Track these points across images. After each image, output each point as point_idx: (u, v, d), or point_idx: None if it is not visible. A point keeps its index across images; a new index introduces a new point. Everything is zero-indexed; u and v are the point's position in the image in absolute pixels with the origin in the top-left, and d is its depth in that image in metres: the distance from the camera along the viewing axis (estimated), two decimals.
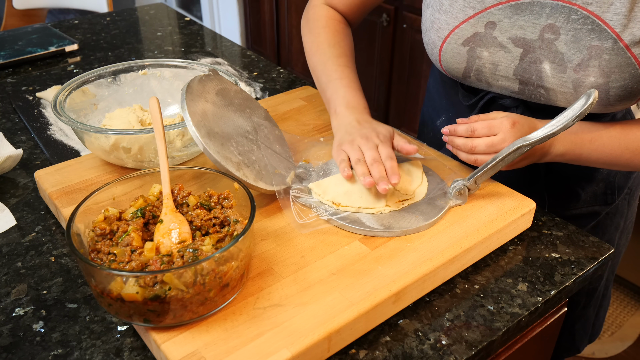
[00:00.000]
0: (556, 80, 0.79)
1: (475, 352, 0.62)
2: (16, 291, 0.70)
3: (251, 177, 0.74)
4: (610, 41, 0.73)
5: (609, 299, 1.14)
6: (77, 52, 1.44)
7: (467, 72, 0.87)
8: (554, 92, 0.81)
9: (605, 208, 0.99)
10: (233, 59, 1.43)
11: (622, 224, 1.03)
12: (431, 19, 0.87)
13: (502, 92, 0.89)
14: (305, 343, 0.57)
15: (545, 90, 0.82)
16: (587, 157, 0.81)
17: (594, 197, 0.97)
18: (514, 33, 0.80)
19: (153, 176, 0.71)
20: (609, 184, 0.96)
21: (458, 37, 0.84)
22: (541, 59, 0.79)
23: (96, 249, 0.62)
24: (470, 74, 0.87)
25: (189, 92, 0.76)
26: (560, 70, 0.78)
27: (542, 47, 0.78)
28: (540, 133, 0.72)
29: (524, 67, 0.81)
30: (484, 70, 0.85)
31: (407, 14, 2.24)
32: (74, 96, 0.90)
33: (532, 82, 0.82)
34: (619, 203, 1.00)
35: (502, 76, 0.84)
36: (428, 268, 0.67)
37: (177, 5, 4.05)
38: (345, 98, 0.88)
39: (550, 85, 0.81)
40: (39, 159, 0.98)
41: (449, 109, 1.03)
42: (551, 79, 0.80)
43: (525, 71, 0.82)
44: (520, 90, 0.85)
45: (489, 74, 0.85)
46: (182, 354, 0.56)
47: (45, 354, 0.61)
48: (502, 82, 0.86)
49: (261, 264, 0.68)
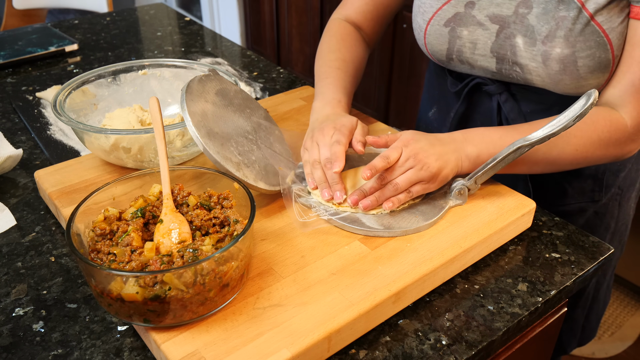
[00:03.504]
0: (527, 54, 0.81)
1: (475, 352, 0.62)
2: (16, 291, 0.70)
3: (251, 177, 0.74)
4: (575, 10, 0.76)
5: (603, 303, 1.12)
6: (77, 52, 1.44)
7: (450, 53, 0.90)
8: (527, 68, 0.83)
9: (592, 205, 0.98)
10: (233, 59, 1.43)
11: (613, 225, 1.03)
12: (418, 4, 0.92)
13: (483, 75, 0.91)
14: (305, 343, 0.57)
15: (519, 67, 0.84)
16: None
17: (581, 193, 0.97)
18: (491, 10, 0.83)
19: (153, 176, 0.71)
20: (597, 181, 0.96)
21: (440, 18, 0.88)
22: (515, 34, 0.82)
23: (96, 249, 0.62)
24: (453, 55, 0.90)
25: (189, 92, 0.76)
26: (530, 44, 0.80)
27: (516, 22, 0.81)
28: (541, 133, 0.72)
29: (499, 44, 0.84)
30: (464, 50, 0.88)
31: (407, 14, 2.24)
32: (74, 96, 0.90)
33: (507, 58, 0.84)
34: (609, 203, 0.99)
35: (481, 55, 0.86)
36: (428, 268, 0.67)
37: (177, 5, 4.05)
38: (324, 95, 0.91)
39: (523, 61, 0.82)
40: (39, 159, 0.98)
41: (439, 100, 1.05)
42: (523, 53, 0.82)
43: (501, 47, 0.84)
44: (498, 70, 0.87)
45: (469, 54, 0.88)
46: (182, 354, 0.56)
47: (45, 354, 0.61)
48: (481, 62, 0.88)
49: (261, 264, 0.68)
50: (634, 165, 0.99)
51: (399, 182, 0.75)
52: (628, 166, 0.97)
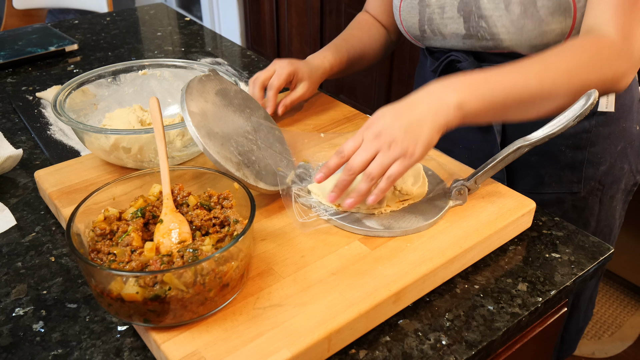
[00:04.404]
0: (490, 4, 0.82)
1: (475, 352, 0.62)
2: (16, 291, 0.70)
3: (251, 177, 0.74)
4: None
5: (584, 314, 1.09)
6: (77, 52, 1.44)
7: (422, 24, 0.92)
8: (492, 19, 0.83)
9: (570, 197, 0.97)
10: (233, 59, 1.43)
11: (594, 224, 1.01)
12: None
13: (455, 44, 0.91)
14: (305, 343, 0.57)
15: (485, 21, 0.84)
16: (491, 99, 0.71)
17: (558, 182, 0.96)
18: None
19: (153, 176, 0.71)
20: (575, 171, 0.95)
21: None
22: None
23: (96, 249, 0.62)
24: (425, 26, 0.91)
25: (189, 92, 0.76)
26: None
27: None
28: (540, 133, 0.72)
29: (465, 1, 0.85)
30: (434, 17, 0.89)
31: None
32: (74, 96, 0.90)
33: (473, 13, 0.85)
34: (589, 198, 0.97)
35: (449, 17, 0.88)
36: (428, 268, 0.67)
37: (177, 5, 4.05)
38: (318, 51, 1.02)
39: (487, 12, 0.83)
40: (39, 159, 0.98)
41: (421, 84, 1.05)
42: (486, 5, 0.82)
43: (466, 4, 0.85)
44: (467, 30, 0.87)
45: (439, 19, 0.89)
46: (182, 354, 0.56)
47: (45, 354, 0.61)
48: (450, 26, 0.89)
49: (261, 264, 0.68)
50: (617, 162, 0.97)
51: (370, 170, 0.69)
52: (609, 160, 0.96)
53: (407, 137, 0.68)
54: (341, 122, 1.01)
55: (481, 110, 0.71)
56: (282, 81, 0.95)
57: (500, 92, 0.71)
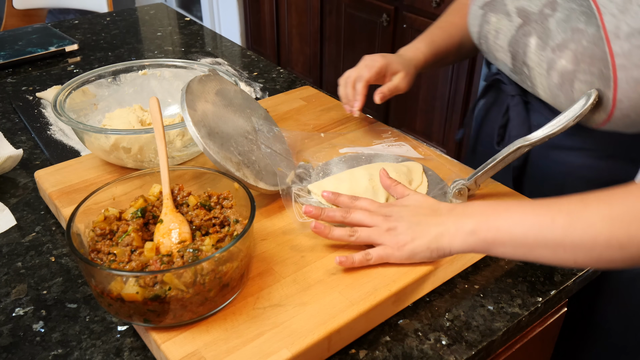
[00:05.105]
0: (536, 57, 0.76)
1: (475, 352, 0.62)
2: (16, 291, 0.70)
3: (251, 177, 0.74)
4: (594, 27, 0.67)
5: None
6: (77, 52, 1.44)
7: (479, 37, 0.87)
8: (533, 72, 0.78)
9: None
10: (233, 59, 1.43)
11: None
12: None
13: (503, 69, 0.87)
14: (305, 343, 0.57)
15: (527, 69, 0.79)
16: (509, 233, 0.62)
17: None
18: (520, 3, 0.79)
19: (153, 176, 0.71)
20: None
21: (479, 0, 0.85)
22: (532, 33, 0.77)
23: (96, 249, 0.62)
24: (481, 39, 0.87)
25: (189, 92, 0.76)
26: (542, 47, 0.75)
27: (537, 21, 0.76)
28: (540, 133, 0.72)
29: (516, 39, 0.80)
30: (488, 36, 0.85)
31: (407, 14, 2.24)
32: (74, 96, 0.90)
33: (519, 56, 0.80)
34: None
35: (500, 46, 0.83)
36: (428, 268, 0.67)
37: (177, 5, 4.05)
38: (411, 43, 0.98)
39: (531, 63, 0.78)
40: (39, 159, 0.98)
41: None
42: (533, 56, 0.77)
43: (516, 43, 0.80)
44: (512, 66, 0.83)
45: (492, 42, 0.84)
46: (182, 354, 0.56)
47: (45, 354, 0.61)
48: (499, 54, 0.85)
49: (261, 264, 0.68)
50: None
51: (360, 233, 0.68)
52: None
53: (405, 235, 0.66)
54: (341, 122, 1.01)
55: (499, 242, 0.62)
56: (372, 74, 0.89)
57: (519, 227, 0.61)
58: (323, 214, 0.70)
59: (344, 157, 0.87)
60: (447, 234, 0.65)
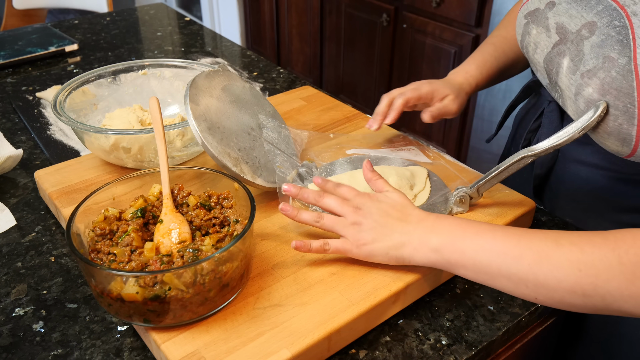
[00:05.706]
0: (567, 79, 0.73)
1: (475, 352, 0.62)
2: (16, 291, 0.70)
3: (249, 174, 0.74)
4: (625, 58, 0.64)
5: None
6: (77, 52, 1.44)
7: (521, 44, 0.85)
8: (564, 93, 0.75)
9: None
10: (233, 59, 1.43)
11: None
12: None
13: (542, 81, 0.83)
14: (305, 343, 0.57)
15: (559, 90, 0.76)
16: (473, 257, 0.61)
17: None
18: (562, 19, 0.75)
19: (153, 176, 0.71)
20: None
21: (525, 7, 0.83)
22: (565, 53, 0.73)
23: (96, 249, 0.62)
24: (523, 47, 0.85)
25: (194, 86, 0.76)
26: (572, 71, 0.72)
27: (574, 41, 0.72)
28: (546, 144, 0.70)
29: (551, 57, 0.76)
30: (528, 48, 0.82)
31: (407, 14, 2.24)
32: (74, 96, 0.90)
33: (552, 75, 0.77)
34: None
35: (537, 61, 0.80)
36: (428, 268, 0.67)
37: (177, 5, 4.05)
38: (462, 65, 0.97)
39: (562, 85, 0.74)
40: (39, 159, 0.98)
41: None
42: (564, 78, 0.74)
43: (551, 61, 0.77)
44: (548, 81, 0.79)
45: (531, 54, 0.82)
46: (182, 354, 0.56)
47: (45, 354, 0.61)
48: (536, 67, 0.82)
49: (261, 264, 0.68)
50: None
51: (325, 221, 0.67)
52: None
53: (371, 232, 0.65)
54: (341, 122, 1.01)
55: (462, 264, 0.62)
56: (415, 95, 0.89)
57: (484, 255, 0.60)
58: (300, 194, 0.70)
59: (349, 159, 0.87)
60: (409, 245, 0.64)
